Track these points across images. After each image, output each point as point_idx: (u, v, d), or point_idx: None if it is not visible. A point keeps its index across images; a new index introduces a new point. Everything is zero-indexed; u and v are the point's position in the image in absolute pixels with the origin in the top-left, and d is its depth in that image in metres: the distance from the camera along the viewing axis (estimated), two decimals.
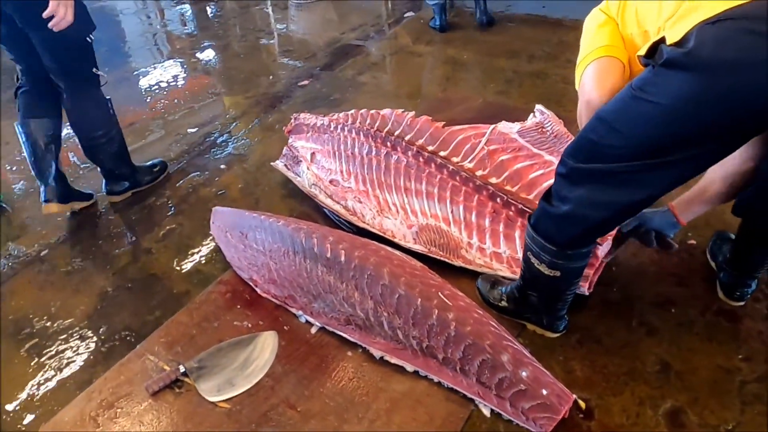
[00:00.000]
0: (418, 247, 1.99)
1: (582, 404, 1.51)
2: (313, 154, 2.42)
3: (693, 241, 1.99)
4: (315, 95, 3.28)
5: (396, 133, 2.16)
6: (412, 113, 2.20)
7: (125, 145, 2.49)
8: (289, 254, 1.84)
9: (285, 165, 2.49)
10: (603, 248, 1.76)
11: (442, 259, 1.95)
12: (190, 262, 2.19)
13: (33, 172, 2.35)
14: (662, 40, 1.16)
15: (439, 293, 1.62)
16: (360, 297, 1.69)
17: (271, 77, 3.57)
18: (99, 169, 2.50)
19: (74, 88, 2.25)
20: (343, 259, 1.71)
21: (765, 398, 1.51)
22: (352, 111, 2.34)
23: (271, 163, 2.54)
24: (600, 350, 1.67)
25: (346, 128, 2.31)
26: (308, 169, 2.39)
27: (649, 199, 1.32)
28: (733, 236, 1.80)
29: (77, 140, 2.42)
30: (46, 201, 2.34)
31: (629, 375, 1.60)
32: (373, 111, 2.28)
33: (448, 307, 1.58)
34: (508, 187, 1.92)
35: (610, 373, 1.61)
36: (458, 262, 1.93)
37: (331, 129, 2.36)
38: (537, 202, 1.64)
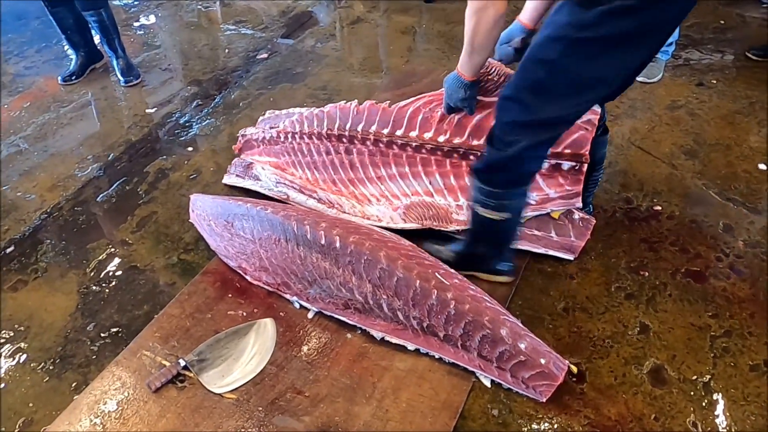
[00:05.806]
0: (411, 225, 2.03)
1: (574, 369, 1.62)
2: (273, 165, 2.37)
3: (658, 207, 2.13)
4: (276, 69, 3.20)
5: (347, 126, 2.11)
6: (355, 102, 2.14)
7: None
8: (281, 242, 1.84)
9: (237, 176, 2.39)
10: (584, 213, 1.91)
11: (437, 228, 2.00)
12: (172, 251, 2.14)
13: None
14: None
15: (436, 274, 1.68)
16: (358, 281, 1.73)
17: (227, 50, 3.45)
18: None
19: None
20: (338, 245, 1.73)
21: (732, 351, 1.67)
22: (296, 115, 2.24)
23: (223, 182, 2.41)
24: (584, 317, 1.79)
25: (297, 136, 2.23)
26: (264, 169, 2.33)
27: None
28: None
29: None
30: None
31: (613, 338, 1.73)
32: (317, 111, 2.20)
33: (445, 287, 1.64)
34: (474, 143, 1.95)
35: (596, 338, 1.73)
36: (453, 227, 1.99)
37: (282, 140, 2.28)
38: None
